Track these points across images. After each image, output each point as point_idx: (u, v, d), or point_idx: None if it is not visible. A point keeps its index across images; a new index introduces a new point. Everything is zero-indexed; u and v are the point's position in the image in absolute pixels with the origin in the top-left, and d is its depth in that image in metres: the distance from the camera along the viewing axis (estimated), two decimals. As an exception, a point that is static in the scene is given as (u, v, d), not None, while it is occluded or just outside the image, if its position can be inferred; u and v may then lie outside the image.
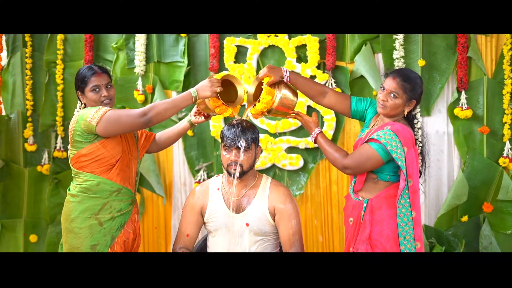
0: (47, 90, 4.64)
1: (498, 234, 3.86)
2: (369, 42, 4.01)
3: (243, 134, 2.63)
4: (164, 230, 4.57)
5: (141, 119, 2.55)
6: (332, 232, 4.24)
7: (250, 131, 2.67)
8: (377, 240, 2.59)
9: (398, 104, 2.58)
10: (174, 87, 4.39)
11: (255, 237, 2.73)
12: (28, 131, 4.63)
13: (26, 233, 4.67)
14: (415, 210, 2.56)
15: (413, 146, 2.55)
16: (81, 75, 2.73)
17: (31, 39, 4.63)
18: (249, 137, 2.65)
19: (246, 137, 2.63)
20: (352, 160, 2.58)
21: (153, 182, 4.48)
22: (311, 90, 2.81)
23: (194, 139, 4.44)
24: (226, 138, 2.65)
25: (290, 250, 2.69)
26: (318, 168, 4.23)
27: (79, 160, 2.65)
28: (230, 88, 2.78)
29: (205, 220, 2.81)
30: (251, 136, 2.66)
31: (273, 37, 4.14)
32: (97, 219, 2.67)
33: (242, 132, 2.63)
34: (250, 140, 2.65)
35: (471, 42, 3.80)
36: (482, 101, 3.86)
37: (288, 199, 2.76)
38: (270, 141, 4.20)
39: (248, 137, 2.64)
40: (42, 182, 4.71)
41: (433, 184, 4.00)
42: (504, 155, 3.81)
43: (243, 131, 2.64)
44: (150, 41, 4.42)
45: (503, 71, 3.78)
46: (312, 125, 2.80)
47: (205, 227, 2.86)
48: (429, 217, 4.01)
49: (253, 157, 2.71)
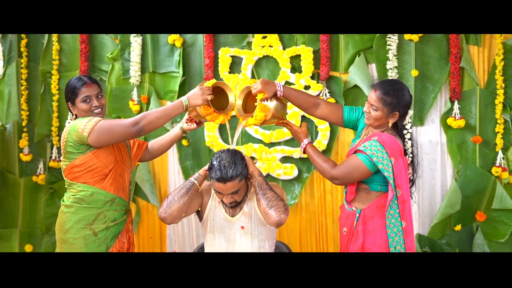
0: (42, 100, 4.65)
1: (491, 243, 3.88)
2: (363, 53, 4.04)
3: (232, 181, 2.57)
4: (160, 240, 4.57)
5: (133, 129, 2.55)
6: (326, 241, 4.24)
7: (239, 173, 2.59)
8: (370, 250, 2.60)
9: (380, 116, 2.59)
10: (169, 97, 4.41)
11: (251, 240, 2.74)
12: (24, 141, 4.64)
13: (21, 243, 4.67)
14: (405, 220, 2.57)
15: (401, 156, 2.56)
16: (71, 87, 2.73)
17: (27, 49, 4.65)
18: (239, 180, 2.60)
19: (235, 184, 2.59)
20: (340, 171, 2.60)
21: (147, 191, 4.49)
22: (304, 103, 2.81)
23: (189, 148, 4.45)
24: (216, 188, 2.62)
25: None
26: (313, 178, 4.24)
27: (72, 171, 2.66)
28: (221, 95, 2.79)
29: (203, 218, 2.81)
30: (240, 179, 2.60)
31: (267, 48, 4.17)
32: (91, 229, 2.67)
33: (230, 179, 2.56)
34: (240, 180, 2.61)
35: (463, 53, 3.83)
36: (475, 111, 3.89)
37: (276, 185, 2.81)
38: (265, 151, 4.21)
39: (238, 186, 2.61)
40: (38, 192, 4.72)
41: (427, 193, 4.01)
42: (497, 165, 3.83)
43: (231, 178, 2.56)
44: (145, 51, 4.44)
45: (495, 81, 3.81)
46: (302, 135, 2.81)
47: (202, 227, 2.86)
48: (422, 226, 4.03)
49: (245, 188, 2.72)
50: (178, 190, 2.64)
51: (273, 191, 2.62)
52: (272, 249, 2.83)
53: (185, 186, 2.64)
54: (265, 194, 2.59)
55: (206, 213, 2.80)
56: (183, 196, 2.61)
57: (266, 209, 2.58)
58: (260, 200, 2.60)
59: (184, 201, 2.62)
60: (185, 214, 2.70)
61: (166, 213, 2.61)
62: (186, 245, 4.51)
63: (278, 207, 2.57)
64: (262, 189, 2.61)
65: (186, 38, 4.36)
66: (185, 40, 4.36)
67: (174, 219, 2.63)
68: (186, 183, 2.67)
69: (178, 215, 2.63)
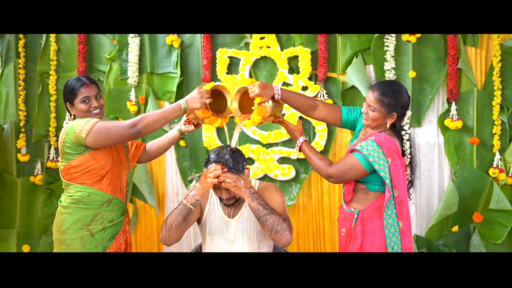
0: (40, 101, 4.65)
1: (488, 244, 3.89)
2: (361, 54, 4.05)
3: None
4: (157, 240, 4.57)
5: (130, 131, 2.54)
6: (324, 242, 4.25)
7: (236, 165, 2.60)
8: (369, 251, 2.60)
9: (378, 116, 2.60)
10: (167, 97, 4.41)
11: (250, 242, 2.74)
12: (21, 142, 4.64)
13: (19, 243, 4.66)
14: (402, 221, 2.57)
15: (398, 156, 2.56)
16: (70, 87, 2.72)
17: (25, 50, 4.65)
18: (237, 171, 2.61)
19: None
20: (336, 169, 2.60)
21: (145, 192, 4.49)
22: (302, 105, 2.81)
23: (186, 149, 4.45)
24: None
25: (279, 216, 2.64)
26: (310, 179, 4.24)
27: (70, 172, 2.66)
28: (220, 97, 2.78)
29: (202, 221, 2.81)
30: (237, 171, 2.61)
31: (265, 49, 4.17)
32: (88, 230, 2.67)
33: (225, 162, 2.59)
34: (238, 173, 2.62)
35: (461, 54, 3.84)
36: (472, 112, 3.90)
37: (273, 189, 2.79)
38: (262, 152, 4.21)
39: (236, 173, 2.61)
40: (35, 192, 4.71)
41: (424, 194, 4.02)
42: (494, 166, 3.84)
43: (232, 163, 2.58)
44: (143, 52, 4.44)
45: (492, 82, 3.82)
46: (297, 134, 2.81)
47: (200, 230, 2.86)
48: (420, 227, 4.03)
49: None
50: (175, 217, 2.62)
51: (273, 214, 2.56)
52: (271, 249, 2.83)
53: (181, 213, 2.61)
54: (267, 220, 2.54)
55: (204, 216, 2.81)
56: (181, 223, 2.61)
57: (272, 234, 2.56)
58: (264, 226, 2.56)
59: (183, 228, 2.64)
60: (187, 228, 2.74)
61: (167, 240, 2.65)
62: (184, 246, 4.51)
63: (283, 231, 2.55)
64: (262, 216, 2.54)
65: (184, 39, 4.37)
66: (183, 41, 4.36)
67: (176, 242, 2.69)
68: (182, 209, 2.61)
69: (178, 239, 2.67)
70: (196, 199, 2.62)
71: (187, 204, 2.61)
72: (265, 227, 2.55)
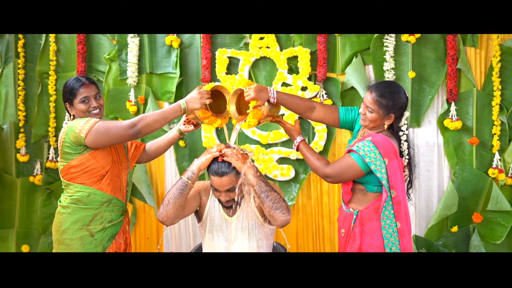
0: (39, 101, 4.65)
1: (487, 244, 3.89)
2: (360, 54, 4.05)
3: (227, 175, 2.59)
4: (156, 240, 4.57)
5: (130, 131, 2.54)
6: (323, 242, 4.25)
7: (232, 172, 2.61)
8: (368, 252, 2.60)
9: (375, 118, 2.59)
10: (166, 98, 4.41)
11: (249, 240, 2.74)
12: (21, 142, 4.63)
13: (18, 243, 4.67)
14: (400, 221, 2.57)
15: (396, 157, 2.55)
16: (69, 87, 2.73)
17: (24, 50, 4.64)
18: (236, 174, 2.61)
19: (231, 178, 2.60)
20: (333, 169, 2.60)
21: (144, 192, 4.49)
22: (299, 107, 2.80)
23: (186, 149, 4.45)
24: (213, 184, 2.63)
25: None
26: (310, 179, 4.24)
27: (69, 172, 2.66)
28: (220, 98, 2.78)
29: (202, 218, 2.81)
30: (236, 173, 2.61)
31: (264, 49, 4.17)
32: (88, 230, 2.67)
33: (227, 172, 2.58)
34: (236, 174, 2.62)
35: (460, 54, 3.84)
36: (472, 112, 3.90)
37: (271, 183, 2.78)
38: (262, 152, 4.21)
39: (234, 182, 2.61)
40: (35, 192, 4.71)
41: (423, 194, 4.02)
42: (494, 166, 3.84)
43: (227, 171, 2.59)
44: (142, 52, 4.44)
45: (492, 82, 3.82)
46: (294, 133, 2.81)
47: (200, 229, 2.86)
48: (419, 228, 4.03)
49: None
50: (172, 191, 2.62)
51: (275, 192, 2.59)
52: (270, 248, 2.83)
53: (179, 188, 2.61)
54: (268, 196, 2.55)
55: (205, 214, 2.80)
56: (178, 198, 2.59)
57: (272, 211, 2.55)
58: (264, 202, 2.56)
59: (180, 202, 2.60)
60: (184, 214, 2.70)
61: (164, 216, 2.60)
62: (183, 246, 4.50)
63: (282, 209, 2.55)
64: (263, 191, 2.56)
65: (183, 39, 4.36)
66: (182, 41, 4.36)
67: (173, 220, 2.63)
68: (180, 183, 2.62)
69: (175, 216, 2.62)
70: (192, 172, 2.62)
71: (183, 177, 2.62)
72: (265, 204, 2.55)
